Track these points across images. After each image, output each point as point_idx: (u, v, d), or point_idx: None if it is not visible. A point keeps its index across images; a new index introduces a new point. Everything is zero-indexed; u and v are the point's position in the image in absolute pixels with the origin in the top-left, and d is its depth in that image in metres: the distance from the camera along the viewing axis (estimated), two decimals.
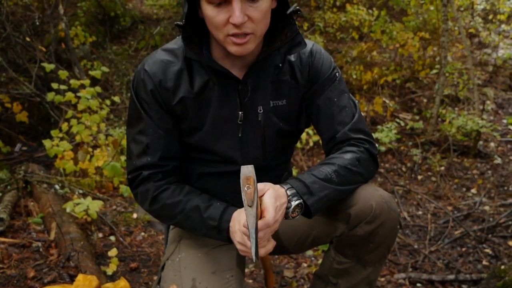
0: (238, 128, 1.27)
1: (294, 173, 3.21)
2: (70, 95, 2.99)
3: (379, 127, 4.24)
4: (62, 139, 2.95)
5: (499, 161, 4.17)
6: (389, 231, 1.26)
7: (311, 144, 3.85)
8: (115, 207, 2.85)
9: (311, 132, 3.77)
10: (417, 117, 5.00)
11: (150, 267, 2.24)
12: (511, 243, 2.66)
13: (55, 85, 3.05)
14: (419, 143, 4.40)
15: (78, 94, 3.01)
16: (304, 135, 3.76)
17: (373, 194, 1.25)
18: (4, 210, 2.43)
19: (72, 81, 3.03)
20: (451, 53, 5.72)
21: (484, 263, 2.48)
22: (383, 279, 2.28)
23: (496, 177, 3.88)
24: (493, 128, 4.06)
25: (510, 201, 3.34)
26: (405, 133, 4.64)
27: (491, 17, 6.63)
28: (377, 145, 1.34)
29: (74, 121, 2.98)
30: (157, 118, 1.23)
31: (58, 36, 4.60)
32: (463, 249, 2.64)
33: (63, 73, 3.20)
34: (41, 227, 2.45)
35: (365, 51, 5.54)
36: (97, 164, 2.94)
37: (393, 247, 2.63)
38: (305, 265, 2.42)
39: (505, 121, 5.03)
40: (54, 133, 2.94)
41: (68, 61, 4.67)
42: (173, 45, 1.25)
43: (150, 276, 2.16)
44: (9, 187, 2.81)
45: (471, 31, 6.42)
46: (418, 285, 2.24)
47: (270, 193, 1.07)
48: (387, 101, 4.93)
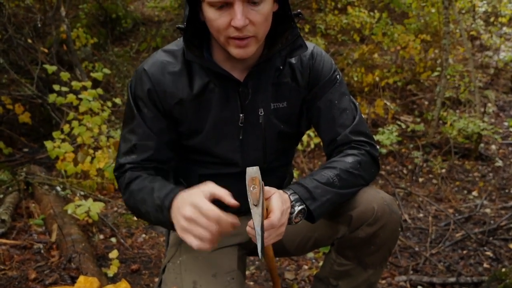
0: (239, 130, 1.27)
1: (295, 175, 3.22)
2: (71, 97, 2.99)
3: (380, 129, 4.24)
4: (63, 140, 2.95)
5: (500, 163, 4.17)
6: (390, 233, 1.27)
7: (312, 146, 3.84)
8: (116, 209, 2.85)
9: (313, 134, 3.77)
10: (418, 120, 5.00)
11: (151, 269, 2.24)
12: None
13: (56, 87, 3.05)
14: (420, 145, 4.39)
15: (79, 96, 3.02)
16: (305, 137, 3.76)
17: (374, 196, 1.25)
18: (5, 211, 2.43)
19: (73, 83, 3.03)
20: (452, 56, 5.71)
21: (485, 265, 2.47)
22: (384, 281, 2.28)
23: (497, 179, 3.87)
24: (494, 130, 4.05)
25: (511, 203, 3.33)
26: (406, 135, 4.63)
27: (492, 19, 6.62)
28: (378, 147, 1.34)
29: (75, 123, 2.98)
30: (150, 118, 1.22)
31: (59, 38, 4.61)
32: (464, 252, 2.64)
33: (65, 75, 3.20)
34: (42, 228, 2.46)
35: (366, 53, 5.54)
36: (98, 166, 2.94)
37: (394, 249, 2.64)
38: (306, 267, 2.41)
39: (506, 123, 5.02)
40: (55, 134, 2.95)
41: (69, 63, 4.68)
42: (174, 46, 1.26)
43: (151, 278, 2.16)
44: (10, 189, 2.82)
45: (472, 33, 6.42)
46: (419, 287, 2.23)
47: (277, 196, 1.08)
48: (388, 104, 4.93)
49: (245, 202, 1.01)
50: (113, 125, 3.53)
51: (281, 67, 1.27)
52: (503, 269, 2.08)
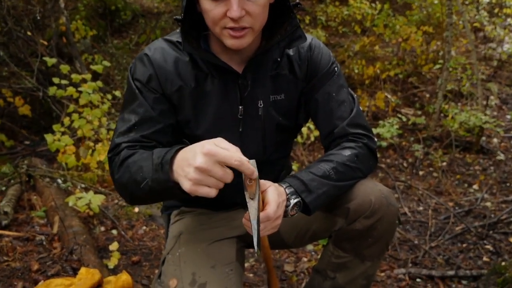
0: (238, 122, 1.27)
1: (294, 167, 3.22)
2: (71, 90, 2.99)
3: (381, 122, 4.22)
4: (64, 133, 2.96)
5: (502, 157, 4.16)
6: (388, 226, 1.27)
7: (312, 139, 3.84)
8: (117, 201, 2.86)
9: (312, 127, 3.76)
10: (419, 112, 4.98)
11: (151, 261, 2.25)
12: None
13: (56, 80, 3.05)
14: (421, 138, 4.38)
15: (79, 88, 3.02)
16: (305, 130, 3.76)
17: (372, 189, 1.25)
18: (8, 204, 2.45)
19: (73, 76, 3.03)
20: (455, 48, 5.67)
21: (484, 259, 2.48)
22: (383, 274, 2.29)
23: (498, 173, 3.87)
24: (496, 123, 4.03)
25: None
26: (407, 128, 4.62)
27: (496, 11, 6.56)
28: (376, 140, 1.33)
29: (75, 116, 2.98)
30: (152, 99, 1.20)
31: (59, 30, 4.59)
32: (464, 245, 2.64)
33: (65, 68, 3.20)
34: (44, 220, 2.47)
35: (368, 45, 5.51)
36: (98, 158, 2.95)
37: (392, 242, 2.64)
38: (305, 259, 2.42)
39: (508, 116, 5.00)
40: (55, 127, 2.95)
41: (69, 55, 4.66)
42: (173, 37, 1.25)
43: (151, 269, 2.17)
44: (12, 181, 2.83)
45: (476, 25, 6.36)
46: (418, 280, 2.24)
47: (273, 189, 1.08)
48: (389, 96, 4.91)
49: (242, 194, 1.01)
50: (113, 118, 3.53)
51: (279, 59, 1.27)
52: (503, 263, 2.08)
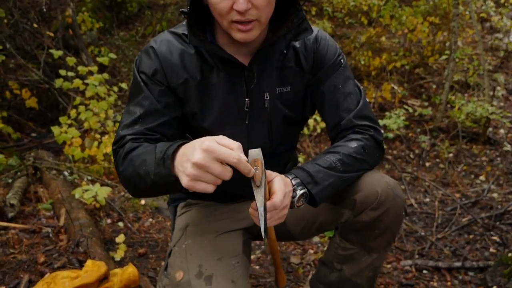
0: (244, 115, 1.27)
1: (301, 159, 3.21)
2: (78, 82, 2.99)
3: (387, 113, 4.20)
4: (70, 125, 2.97)
5: (508, 148, 4.13)
6: (394, 217, 1.26)
7: (319, 130, 3.83)
8: (123, 194, 2.87)
9: (319, 118, 3.75)
10: (426, 104, 4.95)
11: (158, 253, 2.27)
12: None
13: (63, 72, 3.05)
14: (427, 129, 4.36)
15: (86, 81, 3.02)
16: (311, 122, 3.75)
17: (378, 180, 1.25)
18: (14, 196, 2.46)
19: (80, 68, 3.03)
20: (461, 38, 5.62)
21: (491, 250, 2.47)
22: (389, 265, 2.29)
23: (505, 164, 3.84)
24: (503, 114, 4.00)
25: None
26: (413, 119, 4.60)
27: (503, 1, 6.48)
28: (382, 131, 1.33)
29: (82, 108, 2.99)
30: (157, 91, 1.19)
31: (65, 22, 4.59)
32: (471, 236, 2.64)
33: (71, 60, 3.20)
34: (50, 213, 2.49)
35: (374, 37, 5.47)
36: (105, 150, 2.96)
37: (399, 233, 2.64)
38: (311, 251, 2.43)
39: None
40: (62, 119, 2.96)
41: (75, 47, 4.67)
42: (179, 29, 1.25)
43: (157, 261, 2.19)
44: (19, 174, 2.85)
45: (482, 15, 6.30)
46: (424, 272, 2.24)
47: (279, 179, 1.08)
48: (396, 87, 4.88)
49: (248, 186, 1.01)
50: (119, 110, 3.54)
51: (285, 51, 1.26)
52: (510, 254, 2.08)
